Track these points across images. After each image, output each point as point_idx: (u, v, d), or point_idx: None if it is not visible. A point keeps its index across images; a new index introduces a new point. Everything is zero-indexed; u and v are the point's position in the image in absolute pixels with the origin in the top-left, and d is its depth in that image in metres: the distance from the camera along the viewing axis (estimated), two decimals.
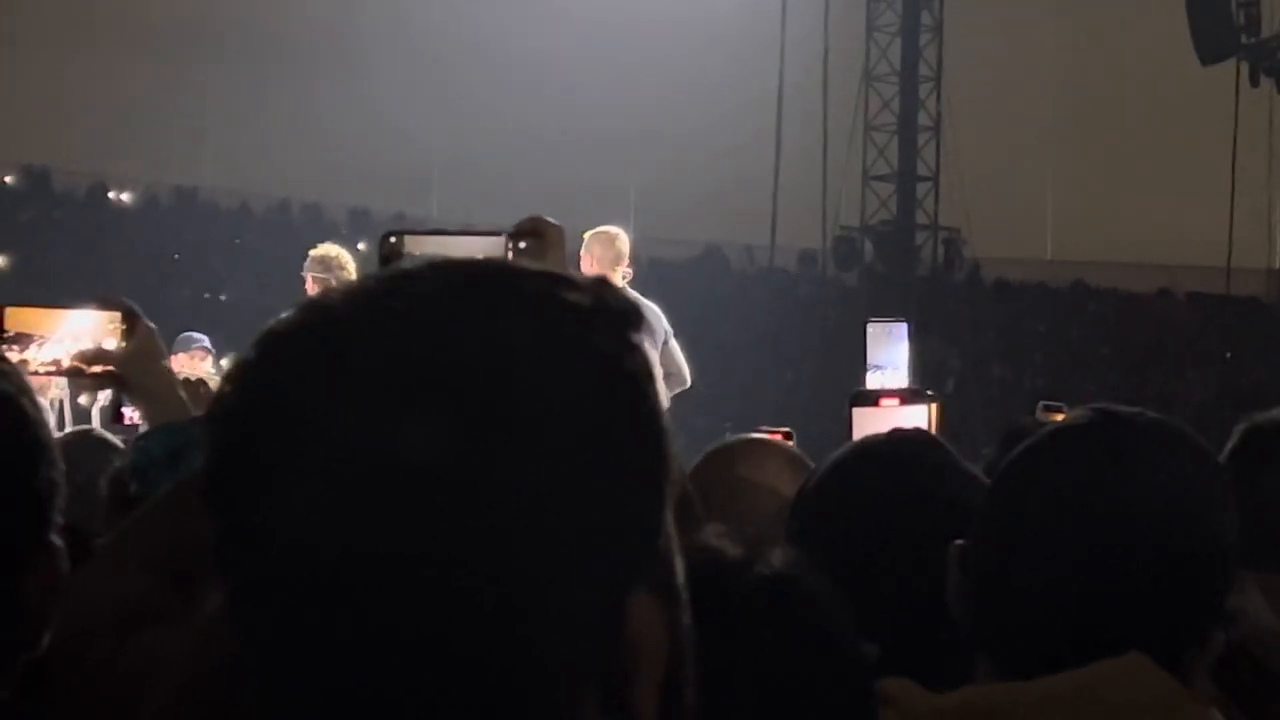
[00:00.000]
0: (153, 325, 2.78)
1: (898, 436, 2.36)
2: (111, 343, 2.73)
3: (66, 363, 2.69)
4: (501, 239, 2.31)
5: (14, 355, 2.62)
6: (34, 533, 1.53)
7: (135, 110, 26.03)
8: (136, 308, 2.78)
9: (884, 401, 3.41)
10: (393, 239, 2.34)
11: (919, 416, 3.41)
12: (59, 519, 1.58)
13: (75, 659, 1.93)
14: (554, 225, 2.32)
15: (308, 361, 1.07)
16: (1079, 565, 1.82)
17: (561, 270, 2.23)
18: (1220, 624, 1.89)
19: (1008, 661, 1.83)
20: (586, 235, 9.70)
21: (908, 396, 3.45)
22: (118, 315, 2.73)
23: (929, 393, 3.55)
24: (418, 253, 2.34)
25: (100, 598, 2.05)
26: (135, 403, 2.79)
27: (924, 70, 26.98)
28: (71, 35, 26.45)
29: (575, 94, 26.57)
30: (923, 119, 27.01)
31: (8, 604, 1.52)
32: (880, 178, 27.07)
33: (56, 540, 1.56)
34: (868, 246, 27.02)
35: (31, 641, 1.54)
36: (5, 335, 2.70)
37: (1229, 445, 2.91)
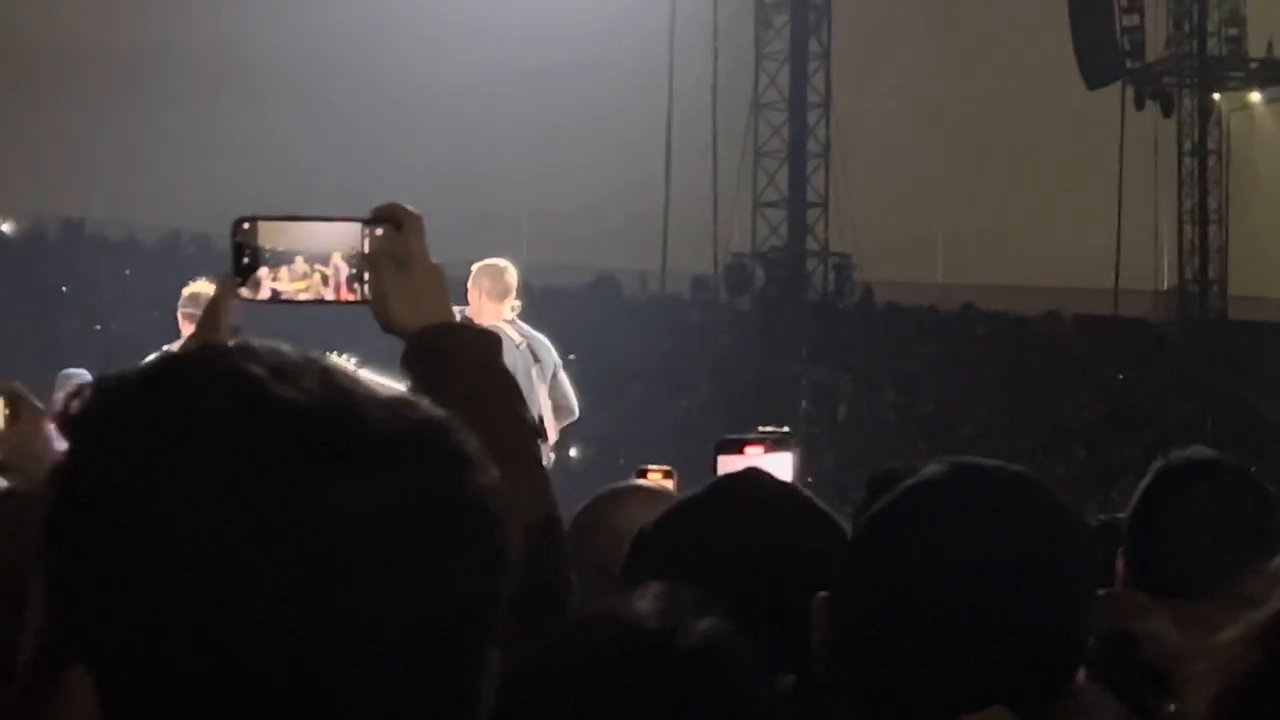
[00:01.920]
0: (40, 407, 2.71)
1: (727, 482, 2.35)
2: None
3: None
4: (357, 226, 2.27)
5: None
6: None
7: (21, 139, 25.77)
8: (20, 390, 2.70)
9: (748, 450, 3.40)
10: (245, 225, 2.28)
11: (783, 463, 3.41)
12: None
13: None
14: (413, 213, 2.29)
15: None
16: (938, 618, 1.82)
17: (422, 257, 2.21)
18: (1078, 668, 1.91)
19: (872, 712, 1.83)
20: (475, 267, 9.67)
21: (771, 444, 3.44)
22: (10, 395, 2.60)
23: (790, 437, 3.54)
24: (270, 241, 2.28)
25: None
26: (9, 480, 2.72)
27: (812, 97, 27.11)
28: None
29: (467, 126, 26.54)
30: (812, 146, 27.15)
31: None
32: (771, 204, 27.17)
33: None
34: (759, 272, 27.09)
35: None
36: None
37: (1143, 482, 3.07)
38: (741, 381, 24.89)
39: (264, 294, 2.29)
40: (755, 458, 3.32)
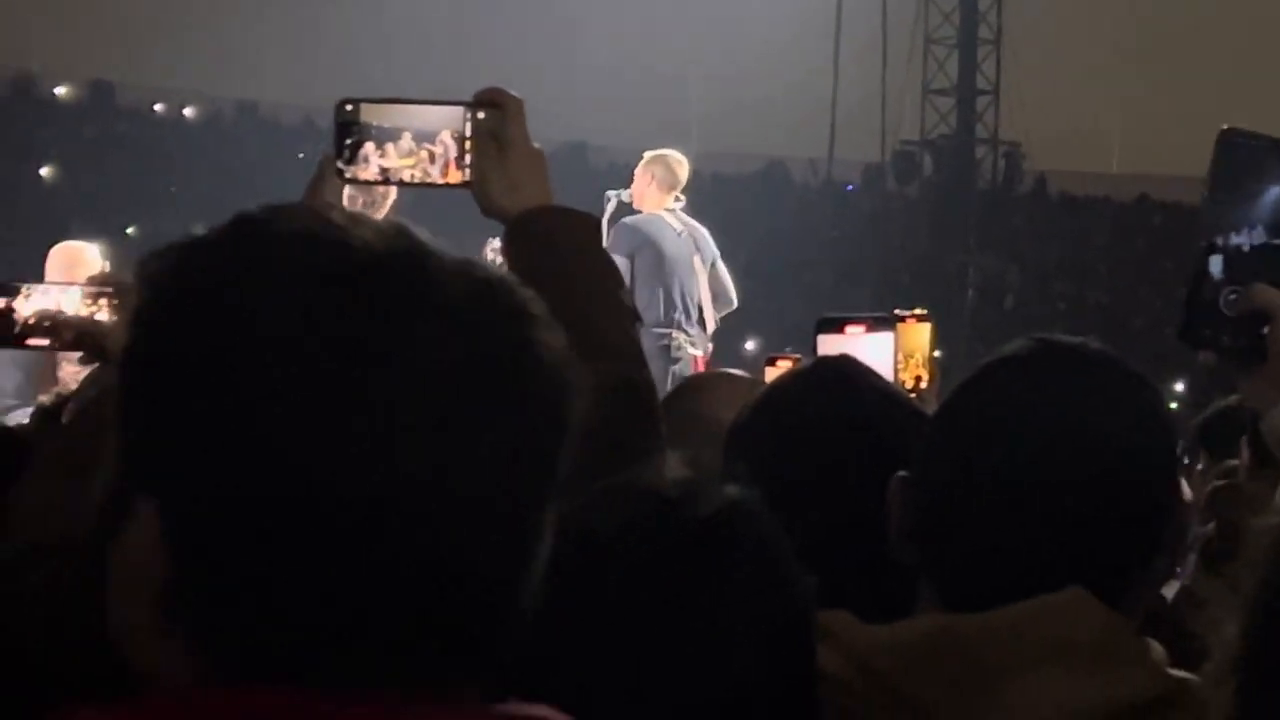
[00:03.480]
0: None
1: (816, 365, 2.36)
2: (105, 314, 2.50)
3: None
4: (460, 110, 2.29)
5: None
6: None
7: (197, 25, 26.04)
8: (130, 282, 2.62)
9: (848, 329, 3.36)
10: (349, 106, 2.31)
11: (884, 343, 3.38)
12: None
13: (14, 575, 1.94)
14: (514, 97, 2.30)
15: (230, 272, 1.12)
16: (1019, 497, 1.82)
17: (526, 140, 2.24)
18: (1162, 555, 1.89)
19: (951, 594, 1.84)
20: (648, 155, 9.73)
21: (873, 323, 3.41)
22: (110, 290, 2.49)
23: (901, 315, 3.50)
24: (374, 121, 2.30)
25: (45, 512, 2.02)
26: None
27: None
28: None
29: (634, 14, 26.44)
30: (983, 32, 26.78)
31: None
32: (940, 91, 26.87)
33: None
34: (927, 160, 26.84)
35: None
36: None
37: None
38: (909, 270, 24.74)
39: (371, 171, 2.32)
40: (855, 337, 3.29)
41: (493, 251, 9.08)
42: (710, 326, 9.71)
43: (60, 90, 26.32)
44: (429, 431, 1.09)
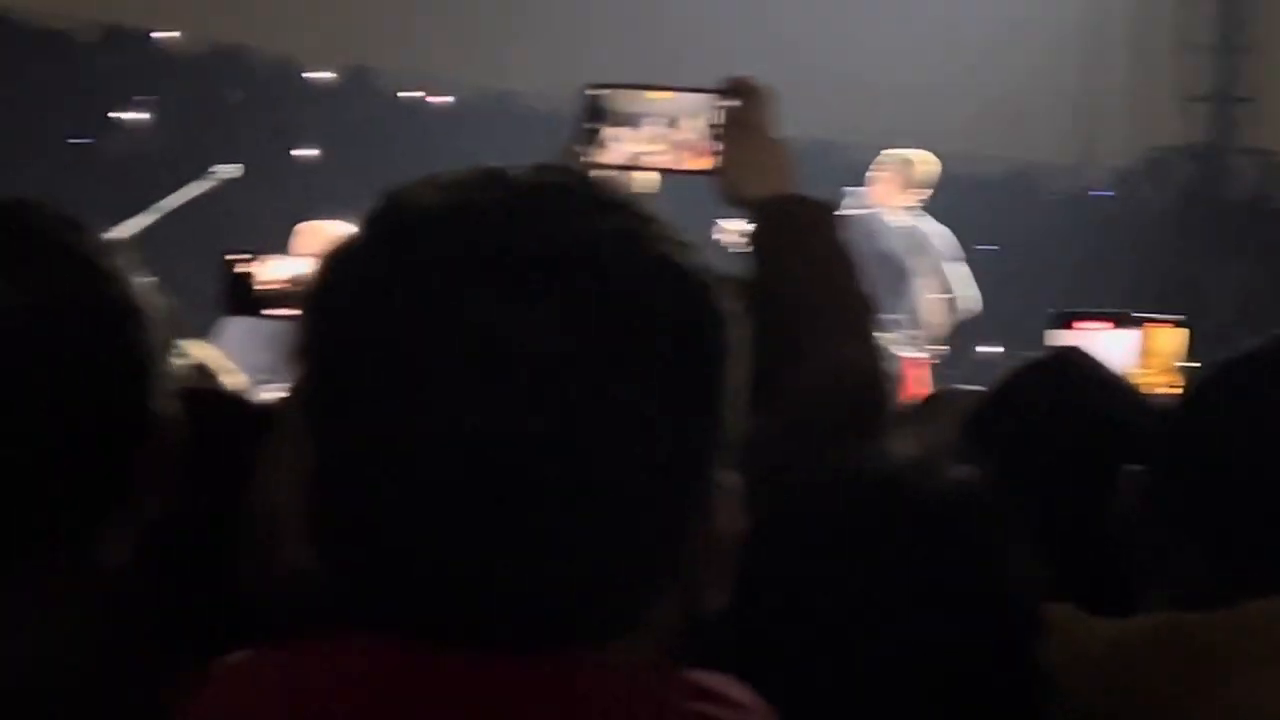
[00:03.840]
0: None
1: (1052, 357, 2.35)
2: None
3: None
4: (708, 97, 2.28)
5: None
6: (133, 401, 1.53)
7: (452, 12, 26.38)
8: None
9: (1090, 323, 3.31)
10: (594, 91, 2.31)
11: (1126, 341, 3.32)
12: (171, 385, 1.57)
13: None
14: (764, 86, 2.30)
15: (414, 247, 1.14)
16: (1266, 494, 1.79)
17: (773, 129, 2.23)
18: None
19: (1188, 590, 1.82)
20: (891, 153, 9.72)
21: (1117, 320, 3.35)
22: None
23: (1151, 317, 3.43)
24: (620, 107, 2.30)
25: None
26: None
27: None
28: None
29: (885, 16, 26.30)
30: (1243, 39, 26.23)
31: (113, 474, 1.52)
32: (1197, 98, 26.37)
33: (165, 408, 1.56)
34: (1182, 168, 26.38)
35: (142, 510, 1.56)
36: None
37: None
38: (1159, 281, 24.34)
39: (614, 156, 2.33)
40: (1096, 333, 3.24)
41: (720, 233, 9.13)
42: (942, 327, 9.64)
43: (318, 75, 26.84)
44: (548, 385, 1.10)
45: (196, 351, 4.86)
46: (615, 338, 1.10)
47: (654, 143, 2.29)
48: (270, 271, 2.62)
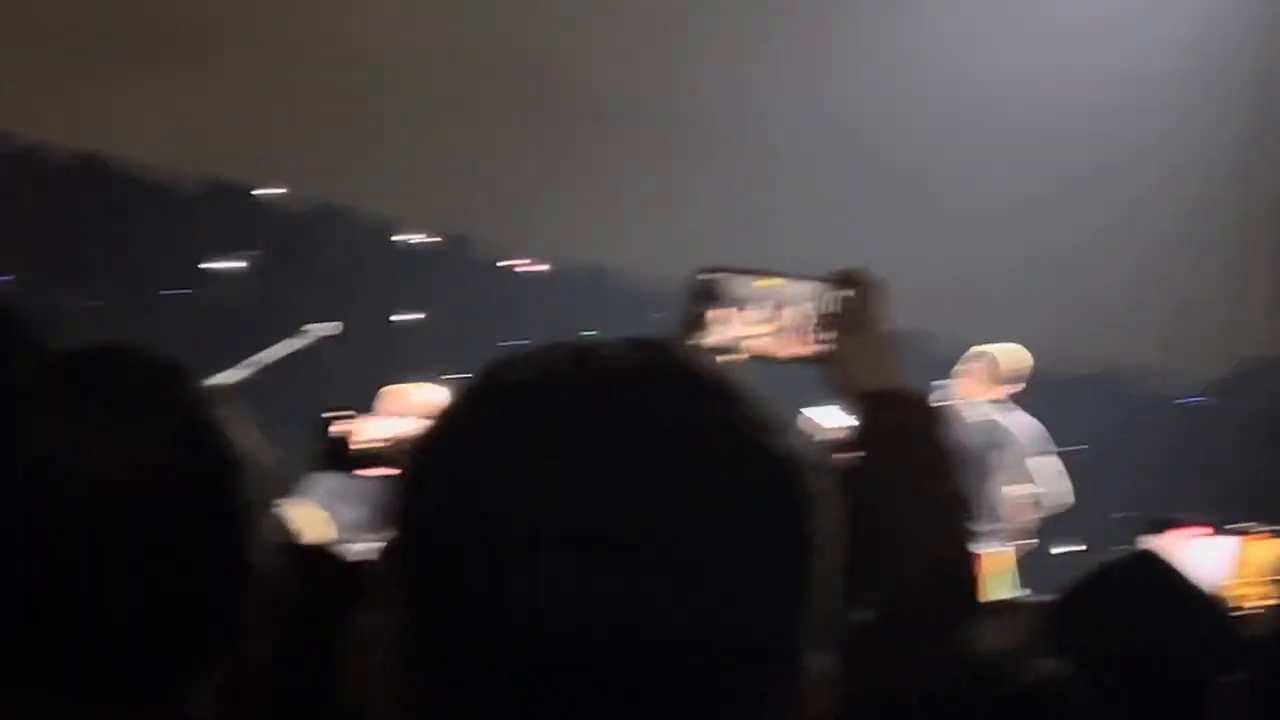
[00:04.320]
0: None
1: (1139, 557, 2.34)
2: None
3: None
4: (818, 285, 2.29)
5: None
6: (231, 551, 1.56)
7: (552, 183, 26.65)
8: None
9: (1183, 530, 3.31)
10: (706, 275, 2.33)
11: (1224, 549, 3.32)
12: (265, 539, 1.59)
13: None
14: (875, 281, 2.31)
15: (509, 423, 1.16)
16: None
17: (883, 321, 2.23)
18: None
19: None
20: (984, 348, 9.72)
21: (1216, 528, 3.34)
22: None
23: (1244, 526, 3.43)
24: (728, 291, 2.31)
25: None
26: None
27: None
28: (499, 112, 27.22)
29: (974, 209, 26.39)
30: None
31: (209, 625, 1.55)
32: None
33: (262, 560, 1.58)
34: (1275, 379, 26.22)
35: (231, 657, 1.57)
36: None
37: None
38: (1246, 490, 24.10)
39: (717, 338, 2.34)
40: (1194, 539, 3.24)
41: (805, 423, 9.13)
42: (1023, 521, 9.57)
43: (417, 239, 27.11)
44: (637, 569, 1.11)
45: (292, 507, 4.91)
46: (710, 519, 1.11)
47: (758, 326, 2.30)
48: (367, 432, 2.65)
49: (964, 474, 2.33)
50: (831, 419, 9.54)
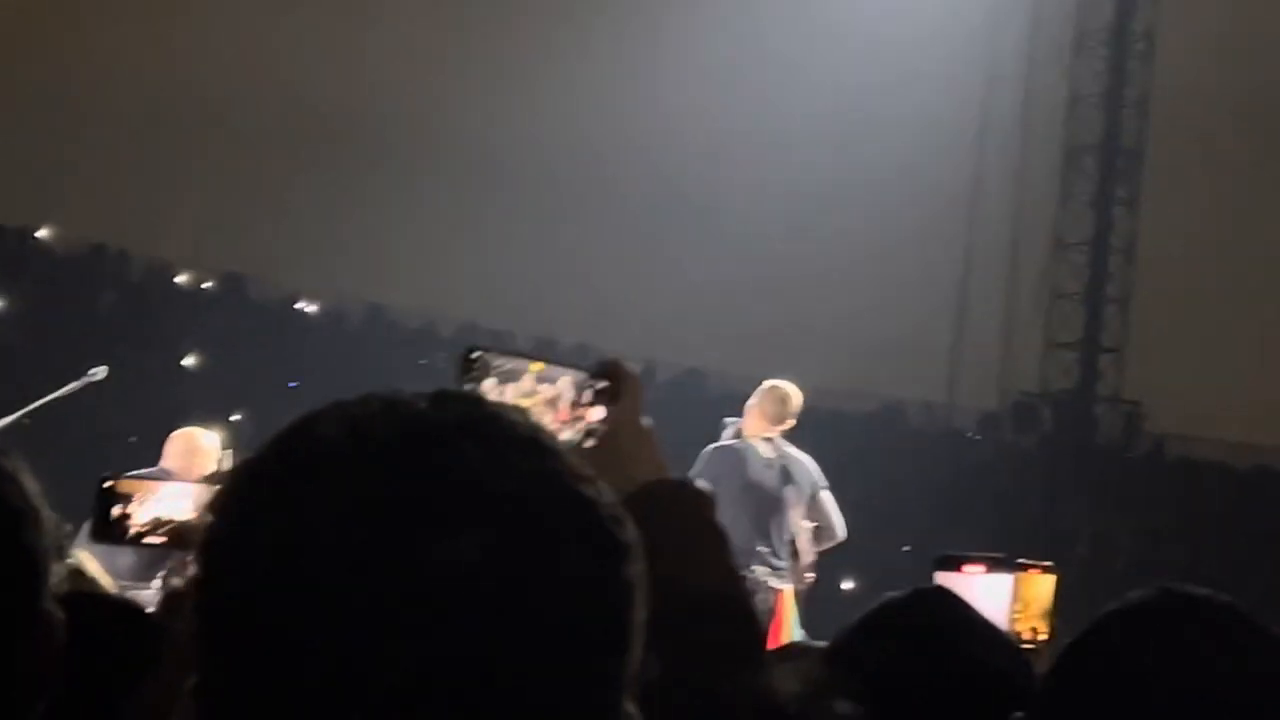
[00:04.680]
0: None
1: (923, 594, 2.35)
2: None
3: None
4: (576, 375, 2.34)
5: None
6: (25, 600, 1.53)
7: (328, 226, 26.54)
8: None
9: (967, 567, 3.35)
10: (474, 354, 2.37)
11: (1002, 585, 3.37)
12: (53, 591, 1.56)
13: None
14: (632, 374, 2.35)
15: (320, 486, 1.12)
16: None
17: (634, 417, 2.28)
18: None
19: None
20: (764, 384, 9.82)
21: (992, 564, 3.39)
22: None
23: (1024, 563, 3.48)
24: (497, 364, 2.37)
25: None
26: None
27: (1115, 241, 26.82)
28: (284, 149, 27.06)
29: (756, 243, 26.69)
30: (1111, 291, 26.84)
31: (2, 674, 1.51)
32: (1064, 345, 26.89)
33: (53, 610, 1.55)
34: (1047, 413, 26.81)
35: (27, 710, 1.54)
36: None
37: None
38: (1021, 522, 24.59)
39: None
40: (972, 577, 3.28)
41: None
42: (807, 558, 9.68)
43: (192, 280, 26.85)
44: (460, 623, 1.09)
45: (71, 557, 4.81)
46: (530, 570, 1.10)
47: (526, 397, 2.35)
48: (147, 511, 2.63)
49: (730, 553, 2.35)
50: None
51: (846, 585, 19.33)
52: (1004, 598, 3.32)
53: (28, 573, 1.53)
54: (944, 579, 3.26)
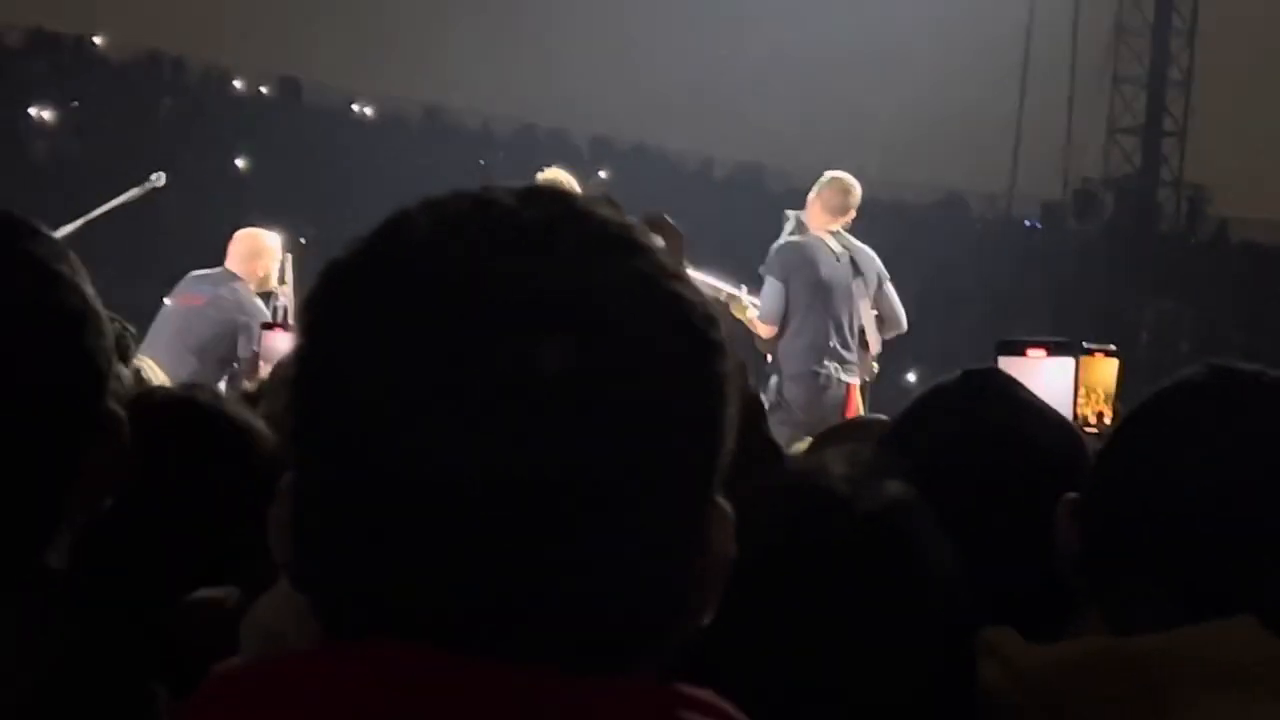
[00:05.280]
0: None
1: (975, 375, 2.34)
2: None
3: None
4: None
5: None
6: (88, 402, 1.55)
7: (383, 27, 26.39)
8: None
9: (1030, 351, 3.36)
10: None
11: (1065, 368, 3.37)
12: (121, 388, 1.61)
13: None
14: (675, 230, 2.34)
15: (411, 282, 1.13)
16: (1196, 528, 1.81)
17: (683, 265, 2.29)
18: None
19: (1119, 621, 1.83)
20: (824, 176, 9.74)
21: (1054, 347, 3.40)
22: None
23: (1088, 347, 3.48)
24: None
25: None
26: None
27: (1177, 23, 26.45)
28: None
29: (821, 29, 26.42)
30: (1173, 74, 26.51)
31: (61, 473, 1.53)
32: (1126, 130, 26.63)
33: (117, 410, 1.57)
34: (1109, 200, 26.62)
35: (86, 511, 1.57)
36: None
37: None
38: (1084, 309, 24.53)
39: None
40: (1036, 360, 3.28)
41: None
42: (874, 348, 9.67)
43: (248, 85, 26.80)
44: (558, 415, 1.10)
45: (135, 360, 4.88)
46: (624, 369, 1.11)
47: None
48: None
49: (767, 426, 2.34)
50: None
51: (910, 376, 19.34)
52: (1067, 381, 3.33)
53: (90, 375, 1.55)
54: (1007, 364, 3.27)
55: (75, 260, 1.59)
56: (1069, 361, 3.40)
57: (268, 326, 8.09)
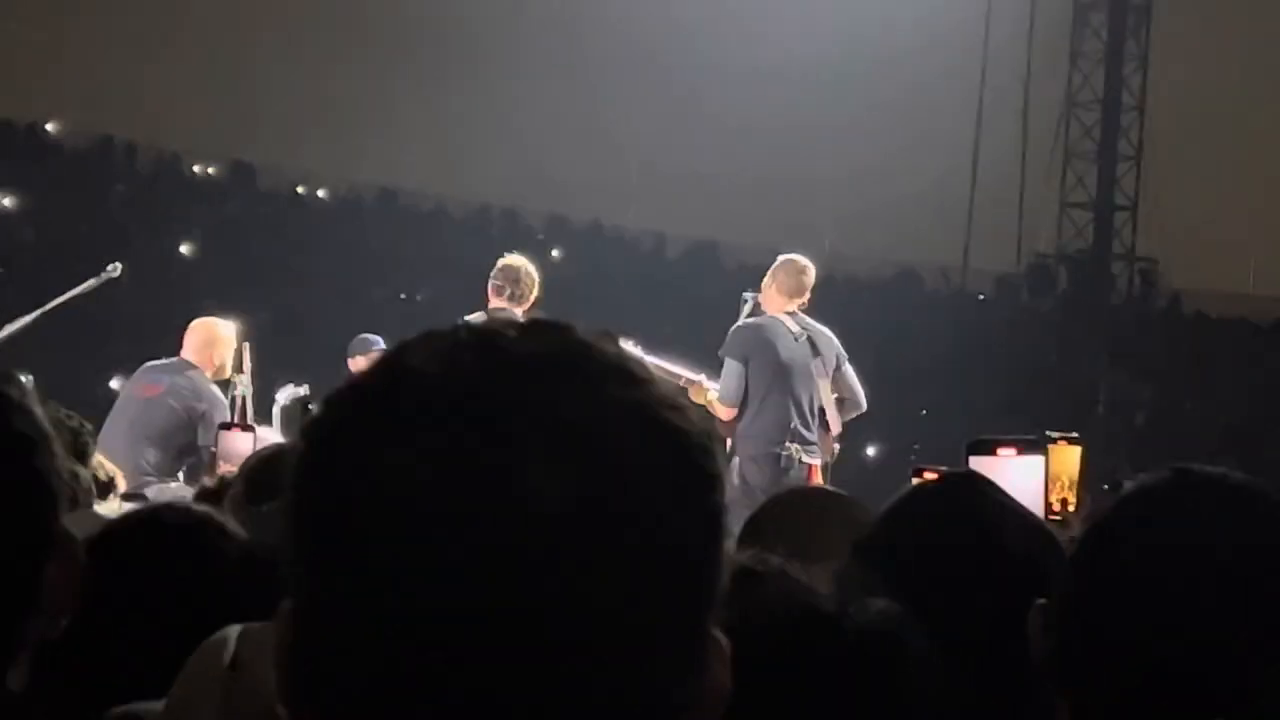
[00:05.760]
0: None
1: (952, 481, 2.35)
2: None
3: None
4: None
5: None
6: (42, 523, 1.57)
7: (336, 109, 26.44)
8: None
9: (1000, 450, 3.39)
10: None
11: (1034, 466, 3.40)
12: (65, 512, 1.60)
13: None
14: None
15: (413, 414, 1.12)
16: (1161, 629, 1.82)
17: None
18: None
19: (1091, 717, 1.85)
20: (779, 259, 9.80)
21: (1024, 446, 3.43)
22: None
23: (1052, 437, 3.52)
24: None
25: None
26: None
27: (1127, 99, 26.70)
28: (279, 33, 26.93)
29: (770, 115, 26.58)
30: (1123, 148, 26.74)
31: (22, 591, 1.55)
32: (1078, 205, 26.83)
33: (68, 531, 1.59)
34: (1062, 273, 26.79)
35: (45, 627, 1.58)
36: None
37: None
38: (1039, 382, 24.64)
39: None
40: (1006, 459, 3.31)
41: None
42: (835, 429, 9.70)
43: (201, 169, 26.81)
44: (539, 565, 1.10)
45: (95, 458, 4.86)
46: (626, 501, 1.11)
47: None
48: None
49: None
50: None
51: (870, 452, 19.38)
52: (1038, 479, 3.36)
53: (44, 497, 1.57)
54: (978, 463, 3.29)
55: (22, 382, 1.61)
56: (1038, 460, 3.43)
57: (225, 426, 8.08)
